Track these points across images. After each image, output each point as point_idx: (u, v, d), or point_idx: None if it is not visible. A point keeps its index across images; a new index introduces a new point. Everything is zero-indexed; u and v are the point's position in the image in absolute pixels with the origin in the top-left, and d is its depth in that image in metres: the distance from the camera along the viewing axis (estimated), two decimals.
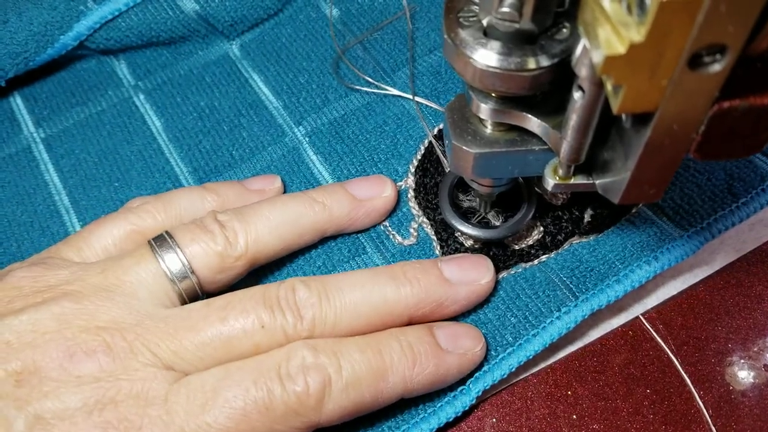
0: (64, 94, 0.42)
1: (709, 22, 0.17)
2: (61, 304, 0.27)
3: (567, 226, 0.33)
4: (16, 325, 0.26)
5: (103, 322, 0.27)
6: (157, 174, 0.39)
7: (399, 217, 0.35)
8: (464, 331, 0.30)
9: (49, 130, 0.41)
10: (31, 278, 0.29)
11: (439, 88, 0.38)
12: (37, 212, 0.38)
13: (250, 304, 0.28)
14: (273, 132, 0.39)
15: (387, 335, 0.28)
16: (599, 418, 0.30)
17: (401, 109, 0.38)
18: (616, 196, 0.25)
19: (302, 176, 0.37)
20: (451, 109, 0.28)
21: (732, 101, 0.20)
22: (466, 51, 0.23)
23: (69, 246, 0.31)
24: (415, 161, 0.36)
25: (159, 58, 0.42)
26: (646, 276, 0.31)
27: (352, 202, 0.33)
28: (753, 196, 0.32)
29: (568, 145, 0.25)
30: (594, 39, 0.19)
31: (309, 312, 0.28)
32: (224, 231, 0.30)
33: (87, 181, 0.39)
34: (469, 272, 0.30)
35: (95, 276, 0.28)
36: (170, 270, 0.29)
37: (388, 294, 0.29)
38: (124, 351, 0.26)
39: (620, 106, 0.20)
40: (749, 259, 0.33)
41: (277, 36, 0.42)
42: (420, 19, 0.41)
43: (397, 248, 0.34)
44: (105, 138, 0.40)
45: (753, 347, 0.32)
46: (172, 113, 0.40)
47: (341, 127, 0.38)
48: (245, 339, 0.27)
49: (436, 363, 0.28)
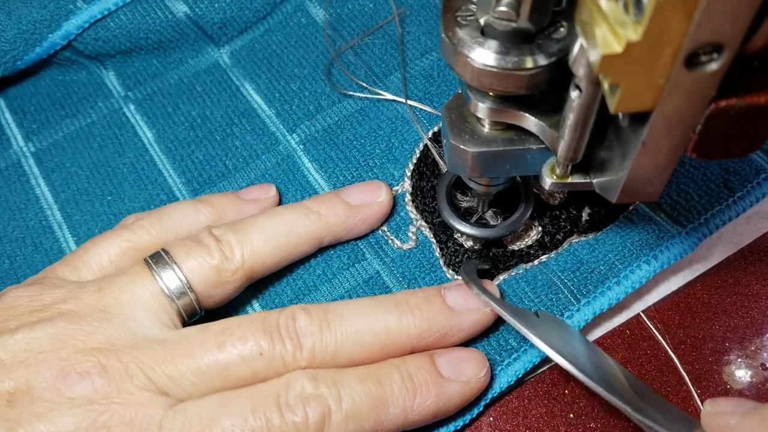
0: (53, 106, 0.42)
1: (706, 21, 0.17)
2: (57, 324, 0.27)
3: (565, 225, 0.33)
4: (10, 345, 0.26)
5: (99, 343, 0.26)
6: (150, 186, 0.38)
7: (397, 222, 0.35)
8: (467, 356, 0.29)
9: (38, 144, 0.41)
10: (26, 297, 0.28)
11: (432, 91, 0.38)
12: (29, 228, 0.38)
13: (249, 330, 0.27)
14: (266, 140, 0.39)
15: (387, 365, 0.28)
16: (596, 417, 0.30)
17: (395, 113, 0.38)
18: (614, 195, 0.25)
19: (298, 184, 0.37)
20: (448, 108, 0.28)
21: (729, 100, 0.20)
22: (463, 50, 0.23)
23: (65, 265, 0.31)
24: (411, 165, 0.36)
25: (148, 67, 0.42)
26: (646, 276, 0.31)
27: (347, 210, 0.33)
28: (749, 190, 0.32)
29: (565, 144, 0.25)
30: (591, 38, 0.19)
31: (309, 341, 0.27)
32: (220, 245, 0.30)
33: (79, 195, 0.38)
34: (474, 300, 0.29)
35: (91, 295, 0.28)
36: (168, 287, 0.29)
37: (391, 323, 0.28)
38: (119, 373, 0.26)
39: (617, 105, 0.20)
40: (747, 257, 0.33)
41: (267, 43, 0.42)
42: (410, 22, 0.41)
43: (396, 253, 0.34)
44: (96, 150, 0.40)
45: (750, 346, 0.32)
46: (163, 124, 0.40)
47: (335, 134, 0.38)
48: (243, 366, 0.27)
49: (438, 393, 0.27)
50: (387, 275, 0.33)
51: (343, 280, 0.33)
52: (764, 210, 0.34)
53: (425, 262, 0.33)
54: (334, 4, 0.42)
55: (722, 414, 0.24)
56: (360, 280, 0.33)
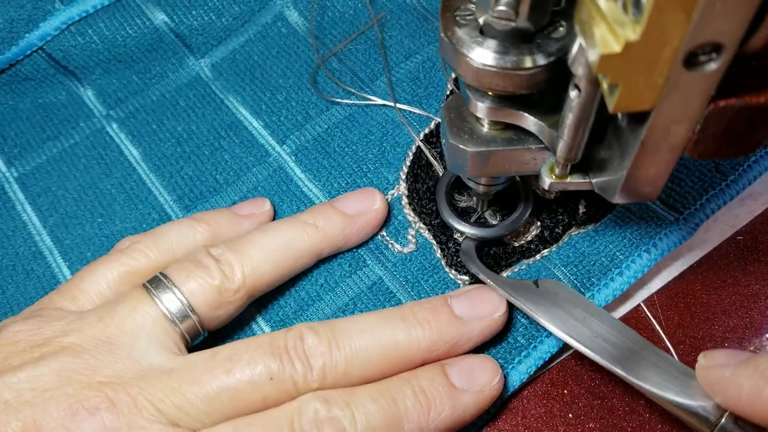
0: (34, 129, 0.41)
1: (705, 21, 0.17)
2: (60, 359, 0.26)
3: (563, 218, 0.33)
4: (14, 383, 0.25)
5: (105, 377, 0.26)
6: (140, 205, 0.38)
7: (395, 226, 0.35)
8: (479, 364, 0.28)
9: (21, 169, 0.40)
10: (27, 332, 0.28)
11: (420, 93, 0.38)
12: (18, 255, 0.37)
13: (257, 354, 0.27)
14: (256, 153, 0.38)
15: (399, 380, 0.27)
16: (595, 417, 0.30)
17: (384, 117, 0.38)
18: (613, 194, 0.25)
19: (292, 194, 0.36)
20: (448, 107, 0.28)
21: (728, 100, 0.20)
22: (462, 49, 0.23)
23: (63, 295, 0.30)
24: (405, 168, 0.36)
25: (129, 84, 0.41)
26: (647, 265, 0.31)
27: (344, 220, 0.33)
28: (740, 173, 0.33)
29: (564, 143, 0.25)
30: (590, 38, 0.19)
31: (319, 361, 0.27)
32: (219, 265, 0.30)
33: (68, 218, 0.38)
34: (482, 307, 0.29)
35: (93, 326, 0.28)
36: (169, 310, 0.28)
37: (400, 337, 0.28)
38: (128, 406, 0.25)
39: (616, 105, 0.20)
40: (746, 258, 0.34)
41: (248, 54, 0.41)
42: (391, 27, 0.41)
43: (397, 257, 0.34)
44: (82, 172, 0.39)
45: (749, 346, 0.32)
46: (149, 141, 0.40)
47: (326, 142, 0.38)
48: (253, 392, 0.26)
49: (452, 405, 0.27)
50: (390, 280, 0.33)
51: (346, 288, 0.33)
52: (757, 192, 0.35)
53: (427, 264, 0.33)
54: (315, 12, 0.42)
55: (716, 367, 0.24)
56: (363, 287, 0.33)
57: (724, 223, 0.34)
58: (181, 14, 0.41)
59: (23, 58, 0.41)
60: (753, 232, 0.34)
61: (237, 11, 0.42)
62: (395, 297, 0.33)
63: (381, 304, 0.33)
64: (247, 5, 0.42)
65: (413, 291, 0.33)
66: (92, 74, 0.42)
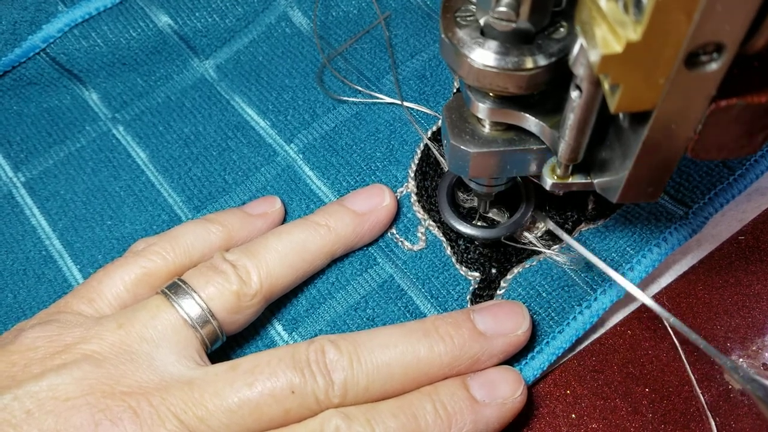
0: (39, 134, 0.41)
1: (706, 21, 0.17)
2: (82, 368, 0.26)
3: (572, 214, 0.33)
4: (35, 392, 0.25)
5: (127, 387, 0.26)
6: (150, 207, 0.38)
7: (405, 223, 0.35)
8: (501, 376, 0.28)
9: (28, 173, 0.40)
10: (46, 338, 0.27)
11: (427, 91, 0.38)
12: (29, 259, 0.37)
13: (279, 367, 0.27)
14: (264, 152, 0.38)
15: (420, 396, 0.27)
16: (598, 417, 0.30)
17: (392, 115, 0.38)
18: (614, 195, 0.25)
19: (301, 193, 0.37)
20: (449, 108, 0.28)
21: (729, 100, 0.20)
22: (463, 50, 0.23)
23: (79, 298, 0.30)
24: (413, 165, 0.36)
25: (134, 87, 0.42)
26: (658, 259, 0.31)
27: (355, 219, 0.33)
28: (748, 168, 0.33)
29: (565, 144, 0.25)
30: (591, 38, 0.19)
31: (340, 375, 0.27)
32: (236, 270, 0.30)
33: (78, 222, 0.38)
34: (505, 322, 0.29)
35: (113, 333, 0.27)
36: (190, 316, 0.28)
37: (422, 353, 0.27)
38: (151, 417, 0.25)
39: (617, 105, 0.20)
40: (748, 258, 0.33)
41: (253, 55, 0.41)
42: (396, 25, 0.41)
43: (407, 254, 0.34)
44: (90, 175, 0.39)
45: (752, 346, 0.32)
46: (156, 143, 0.40)
47: (334, 140, 0.38)
48: (275, 405, 0.26)
49: (474, 420, 0.27)
50: (400, 278, 0.33)
51: (357, 287, 0.33)
52: (763, 186, 0.34)
53: (437, 262, 0.34)
54: (319, 11, 0.42)
55: None
56: (374, 285, 0.33)
57: (732, 218, 0.34)
58: (185, 16, 0.41)
59: (26, 60, 0.41)
60: (755, 232, 0.34)
61: (240, 12, 0.42)
62: (406, 294, 0.33)
63: (392, 302, 0.33)
64: (251, 6, 0.42)
65: (424, 288, 0.33)
66: (96, 77, 0.42)
